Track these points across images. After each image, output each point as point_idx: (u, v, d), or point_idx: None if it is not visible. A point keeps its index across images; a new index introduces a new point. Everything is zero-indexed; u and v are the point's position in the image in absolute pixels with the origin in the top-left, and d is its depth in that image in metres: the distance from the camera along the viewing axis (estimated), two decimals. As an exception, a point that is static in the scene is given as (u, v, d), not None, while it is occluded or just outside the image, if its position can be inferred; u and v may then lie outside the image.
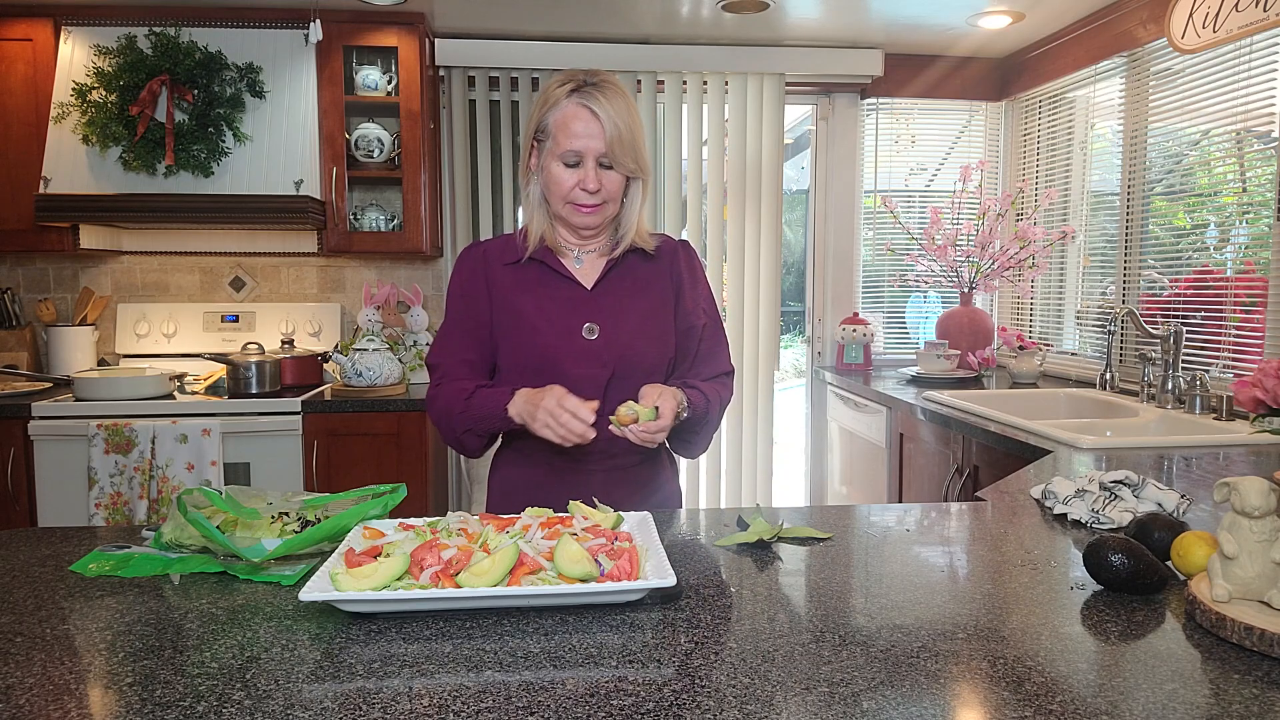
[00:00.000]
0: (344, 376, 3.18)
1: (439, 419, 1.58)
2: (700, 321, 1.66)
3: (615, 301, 1.59)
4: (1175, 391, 2.66)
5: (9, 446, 2.91)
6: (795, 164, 4.88)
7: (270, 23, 3.25)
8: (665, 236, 1.69)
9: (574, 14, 3.36)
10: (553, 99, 1.51)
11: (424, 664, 0.91)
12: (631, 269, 1.63)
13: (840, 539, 1.36)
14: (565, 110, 1.49)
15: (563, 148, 1.49)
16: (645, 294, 1.62)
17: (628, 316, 1.59)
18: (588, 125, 1.48)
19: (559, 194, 1.52)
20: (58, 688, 0.86)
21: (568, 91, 1.50)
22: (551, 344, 1.55)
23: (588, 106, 1.48)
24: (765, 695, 0.84)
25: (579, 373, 1.54)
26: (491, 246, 1.64)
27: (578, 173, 1.50)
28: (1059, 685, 0.86)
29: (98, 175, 3.05)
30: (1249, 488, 1.00)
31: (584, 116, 1.48)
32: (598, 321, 1.57)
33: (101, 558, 1.23)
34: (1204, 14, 2.63)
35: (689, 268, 1.68)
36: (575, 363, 1.55)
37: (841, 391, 3.78)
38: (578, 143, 1.48)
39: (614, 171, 1.52)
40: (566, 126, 1.49)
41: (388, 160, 3.43)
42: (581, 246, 1.62)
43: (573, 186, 1.51)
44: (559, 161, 1.51)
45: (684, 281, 1.66)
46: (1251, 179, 2.72)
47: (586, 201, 1.51)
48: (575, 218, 1.54)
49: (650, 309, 1.61)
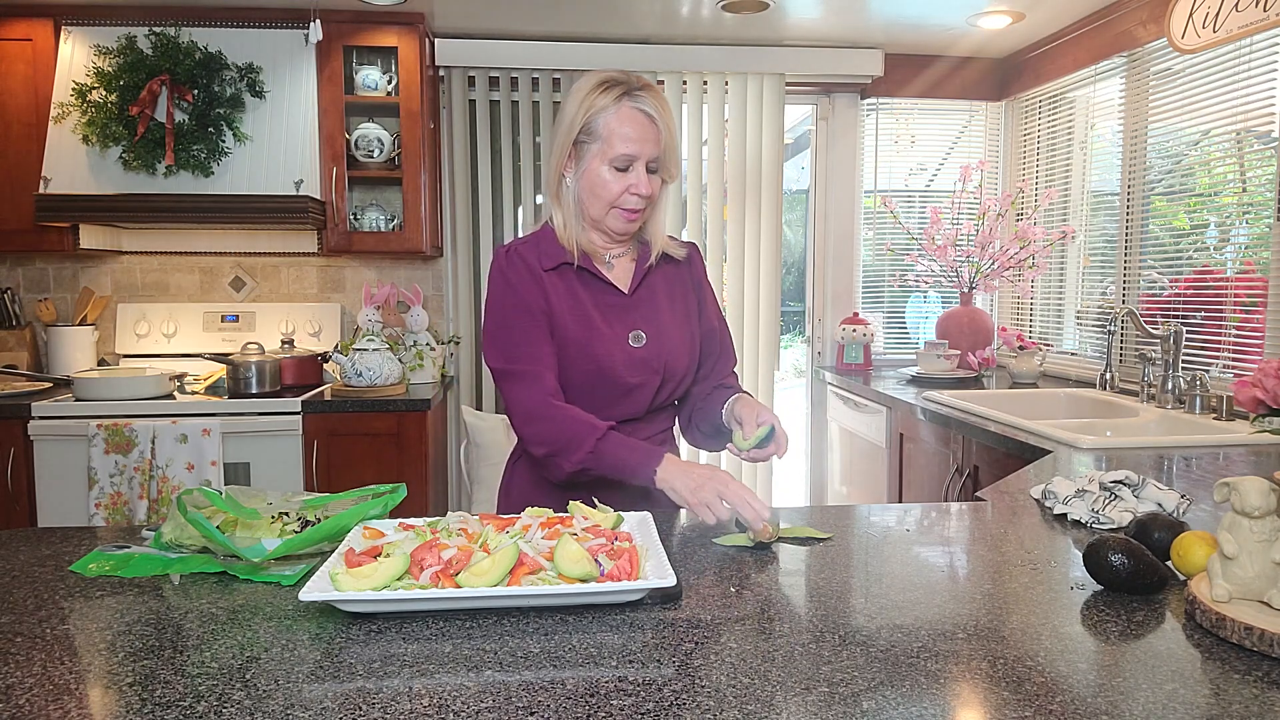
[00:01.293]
0: (344, 376, 3.18)
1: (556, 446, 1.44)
2: (716, 324, 1.71)
3: (652, 308, 1.60)
4: (1175, 391, 2.66)
5: (9, 446, 2.91)
6: (795, 164, 4.87)
7: (270, 23, 3.25)
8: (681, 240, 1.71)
9: (574, 14, 3.36)
10: (600, 103, 1.47)
11: (424, 664, 0.91)
12: (662, 273, 1.64)
13: (840, 539, 1.36)
14: (620, 113, 1.46)
15: (616, 151, 1.46)
16: (675, 300, 1.64)
17: (666, 323, 1.60)
18: (644, 130, 1.46)
19: (605, 198, 1.50)
20: (58, 688, 0.86)
21: (617, 95, 1.47)
22: (605, 353, 1.53)
23: (644, 110, 1.47)
24: (765, 695, 0.84)
25: (634, 381, 1.53)
26: (525, 249, 1.56)
27: (628, 177, 1.48)
28: (1059, 685, 0.86)
29: (98, 175, 3.05)
30: (1249, 488, 1.00)
31: (640, 120, 1.46)
32: (642, 329, 1.57)
33: (101, 558, 1.23)
34: (1204, 14, 2.63)
35: (704, 270, 1.72)
36: (629, 371, 1.54)
37: (841, 391, 3.78)
38: (633, 147, 1.46)
39: (658, 176, 1.52)
40: (620, 130, 1.46)
41: (388, 160, 3.43)
42: (609, 251, 1.61)
43: (622, 191, 1.48)
44: (609, 166, 1.48)
45: (703, 285, 1.70)
46: (1251, 179, 2.72)
47: (637, 206, 1.50)
48: (619, 224, 1.53)
49: (682, 314, 1.64)
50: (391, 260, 3.72)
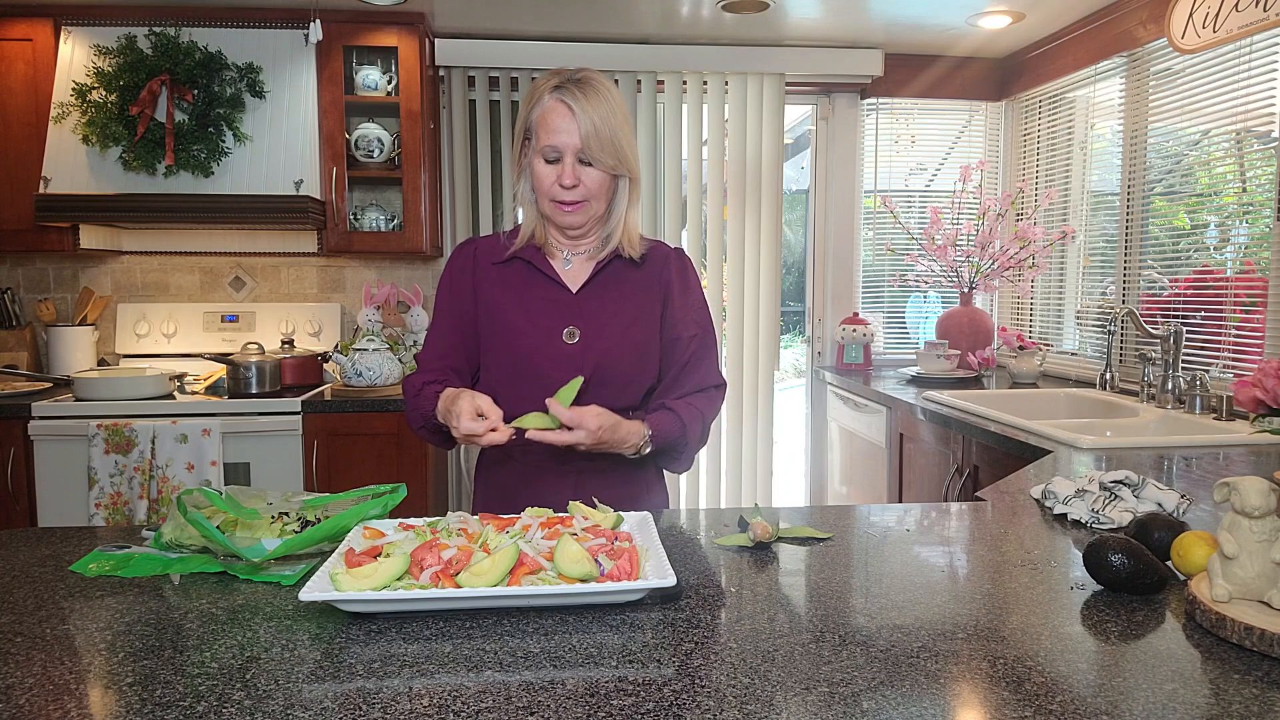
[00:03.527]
0: (344, 376, 3.18)
1: (409, 416, 1.60)
2: (689, 333, 1.62)
3: (599, 307, 1.58)
4: (1175, 391, 2.66)
5: (9, 446, 2.91)
6: (795, 164, 4.88)
7: (270, 23, 3.25)
8: (658, 244, 1.66)
9: (574, 14, 3.36)
10: (534, 99, 1.53)
11: (424, 664, 0.91)
12: (620, 275, 1.61)
13: (840, 539, 1.36)
14: (545, 106, 1.50)
15: (542, 143, 1.50)
16: (630, 301, 1.60)
17: (610, 323, 1.57)
18: (564, 121, 1.48)
19: (541, 191, 1.54)
20: (58, 688, 0.86)
21: (550, 88, 1.51)
22: (531, 346, 1.55)
23: (565, 102, 1.49)
24: (765, 695, 0.84)
25: (555, 376, 1.52)
26: (483, 244, 1.66)
27: (556, 169, 1.51)
28: (1059, 685, 0.86)
29: (98, 175, 3.05)
30: (1249, 488, 1.00)
31: (561, 112, 1.49)
32: (579, 325, 1.56)
33: (101, 558, 1.23)
34: (1204, 14, 2.63)
35: (681, 276, 1.64)
36: (554, 366, 1.54)
37: (841, 391, 3.78)
38: (554, 138, 1.49)
39: (594, 169, 1.51)
40: (545, 122, 1.50)
41: (388, 160, 3.43)
42: (571, 248, 1.62)
43: (553, 182, 1.51)
44: (540, 158, 1.52)
45: (673, 290, 1.62)
46: (1251, 179, 2.72)
47: (565, 198, 1.51)
48: (558, 216, 1.55)
49: (634, 317, 1.59)
50: (391, 260, 3.72)
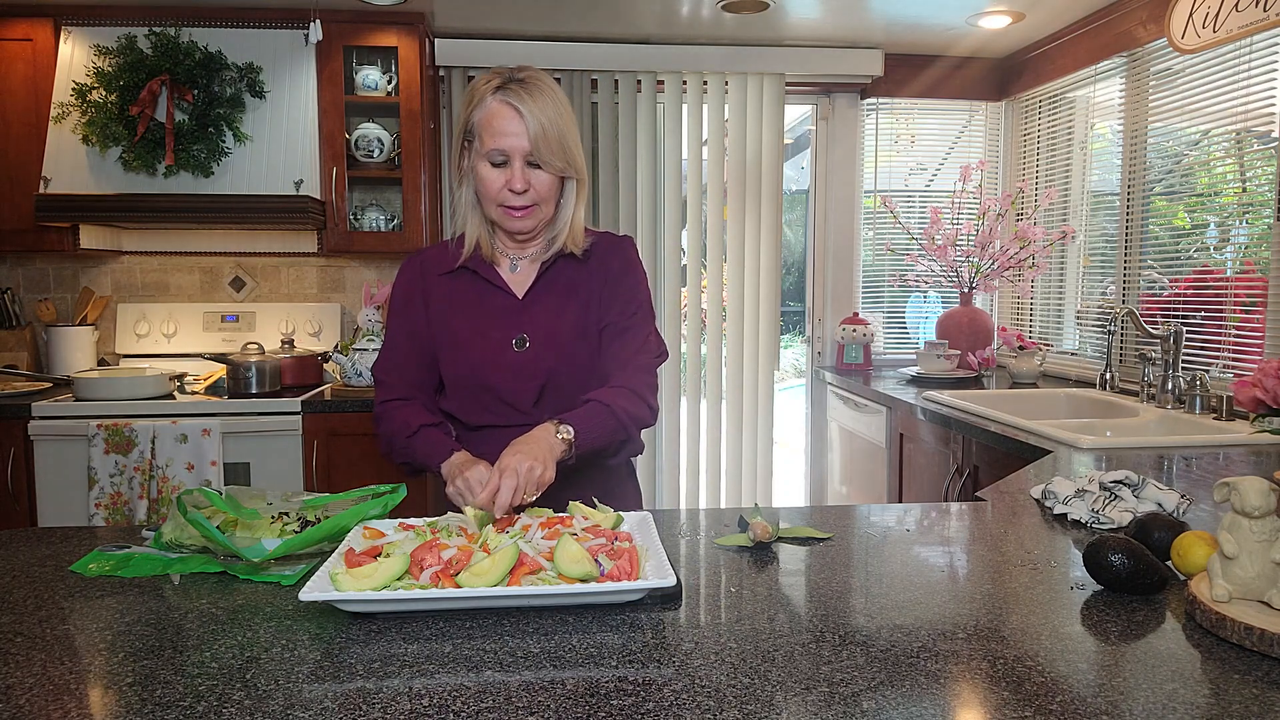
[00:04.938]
0: (344, 376, 3.18)
1: (384, 442, 1.57)
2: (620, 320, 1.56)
3: (546, 310, 1.55)
4: (1175, 391, 2.66)
5: (9, 446, 2.91)
6: (795, 164, 4.87)
7: (270, 23, 3.25)
8: (604, 235, 1.62)
9: (574, 14, 3.36)
10: (476, 100, 1.47)
11: (424, 664, 0.91)
12: (563, 274, 1.57)
13: (840, 539, 1.36)
14: (489, 108, 1.45)
15: (488, 147, 1.45)
16: (575, 299, 1.56)
17: (558, 324, 1.55)
18: (511, 123, 1.43)
19: (489, 196, 1.48)
20: (58, 688, 0.86)
21: (493, 89, 1.45)
22: (481, 359, 1.53)
23: (510, 104, 1.43)
24: (765, 695, 0.84)
25: (509, 387, 1.51)
26: (430, 256, 1.61)
27: (505, 173, 1.46)
28: (1059, 685, 0.86)
29: (98, 175, 3.05)
30: (1249, 488, 1.00)
31: (506, 114, 1.43)
32: (528, 332, 1.54)
33: (101, 558, 1.23)
34: (1204, 14, 2.63)
35: (622, 262, 1.59)
36: (504, 377, 1.52)
37: (841, 391, 3.78)
38: (501, 141, 1.44)
39: (543, 171, 1.47)
40: (490, 125, 1.44)
41: (388, 160, 3.43)
42: (518, 252, 1.58)
43: (501, 187, 1.46)
44: (486, 161, 1.46)
45: (611, 276, 1.58)
46: (1251, 179, 2.72)
47: (515, 203, 1.47)
48: (507, 222, 1.50)
49: (579, 315, 1.56)
50: (391, 260, 3.72)
